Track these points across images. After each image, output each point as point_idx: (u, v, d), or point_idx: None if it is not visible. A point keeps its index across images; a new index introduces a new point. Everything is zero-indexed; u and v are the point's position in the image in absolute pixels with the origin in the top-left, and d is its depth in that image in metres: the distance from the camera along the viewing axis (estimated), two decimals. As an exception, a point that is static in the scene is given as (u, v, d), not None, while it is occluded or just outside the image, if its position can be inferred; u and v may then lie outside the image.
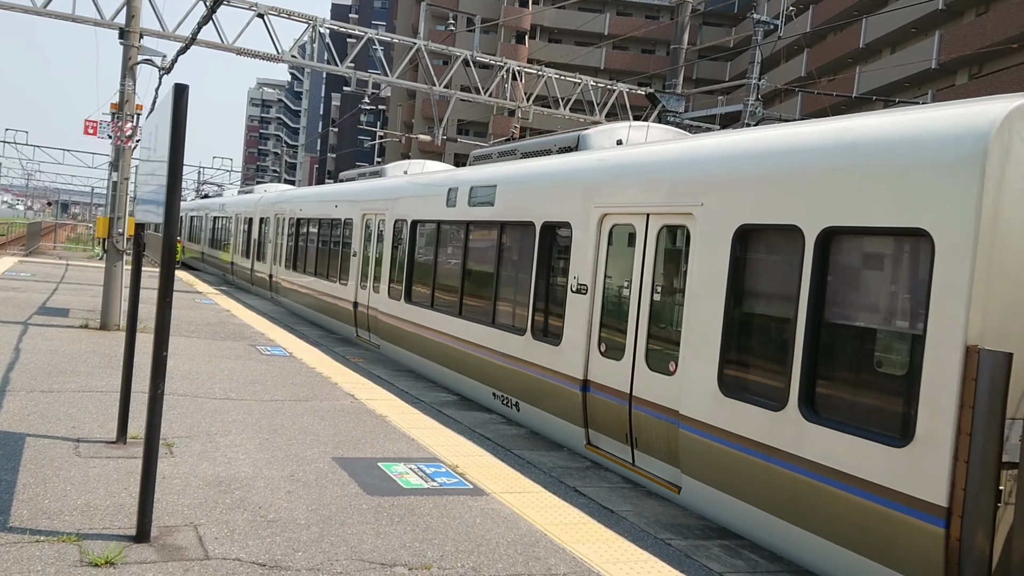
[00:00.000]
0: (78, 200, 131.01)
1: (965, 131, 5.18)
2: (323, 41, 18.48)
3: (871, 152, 5.81)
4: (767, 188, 6.64)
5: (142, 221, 6.44)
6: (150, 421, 4.83)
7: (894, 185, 5.53)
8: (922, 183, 5.34)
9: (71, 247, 50.36)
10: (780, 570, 6.06)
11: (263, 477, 6.18)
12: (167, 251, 4.84)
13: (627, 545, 5.41)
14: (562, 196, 9.60)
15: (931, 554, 5.02)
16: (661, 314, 7.90)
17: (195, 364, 10.75)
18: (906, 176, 5.47)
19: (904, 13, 37.87)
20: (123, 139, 13.90)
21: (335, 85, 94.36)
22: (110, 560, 4.43)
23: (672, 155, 8.13)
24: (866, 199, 5.74)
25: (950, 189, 5.14)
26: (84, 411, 7.71)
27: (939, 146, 5.29)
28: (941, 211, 5.16)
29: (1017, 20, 31.56)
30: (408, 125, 65.73)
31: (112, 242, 13.90)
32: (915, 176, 5.40)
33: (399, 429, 8.15)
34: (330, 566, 4.64)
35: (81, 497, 5.41)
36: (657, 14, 62.97)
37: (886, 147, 5.72)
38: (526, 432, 9.93)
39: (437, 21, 58.77)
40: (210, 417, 7.95)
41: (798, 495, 6.03)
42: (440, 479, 6.53)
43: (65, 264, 28.73)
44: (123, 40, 13.95)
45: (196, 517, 5.23)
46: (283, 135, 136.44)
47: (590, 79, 22.09)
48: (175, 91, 4.77)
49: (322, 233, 19.46)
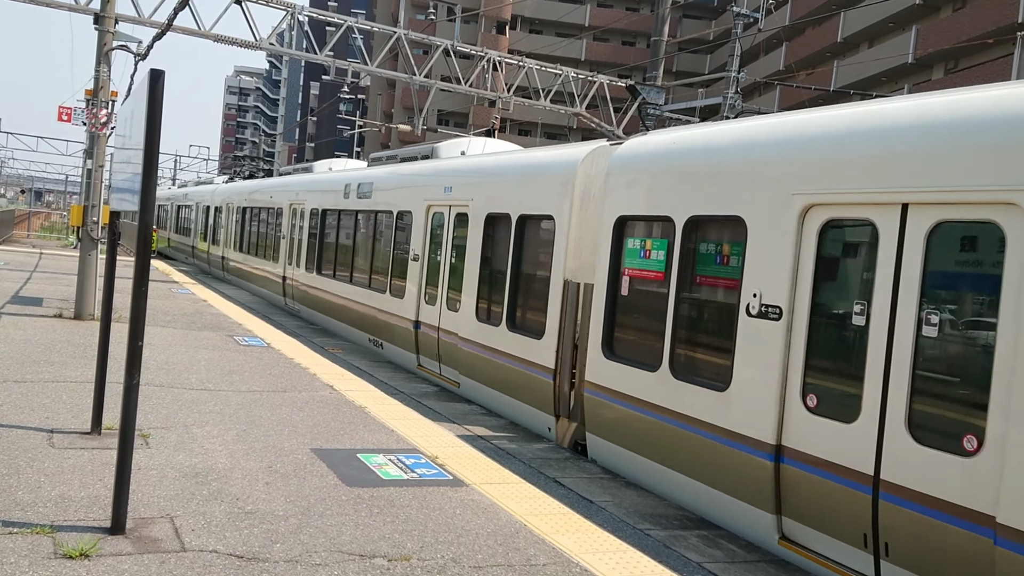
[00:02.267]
0: (52, 188, 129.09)
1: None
2: (302, 29, 18.28)
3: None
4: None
5: (117, 209, 6.35)
6: (125, 411, 4.77)
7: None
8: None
9: (45, 235, 49.68)
10: (758, 560, 6.11)
11: (241, 468, 6.13)
12: (143, 240, 4.77)
13: (606, 535, 5.42)
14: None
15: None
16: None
17: (171, 354, 10.64)
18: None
19: (881, 8, 38.12)
20: (98, 126, 13.71)
21: (314, 73, 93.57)
22: (85, 552, 4.38)
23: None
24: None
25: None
26: (58, 401, 7.61)
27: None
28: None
29: (993, 16, 31.88)
30: (388, 115, 65.35)
31: (87, 231, 13.72)
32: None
33: (378, 420, 8.12)
34: (309, 558, 4.61)
35: (55, 488, 5.34)
36: (638, 6, 62.99)
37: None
38: (506, 423, 9.94)
39: (417, 10, 58.46)
40: (187, 408, 7.87)
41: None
42: (420, 470, 6.52)
43: (39, 253, 28.33)
44: (98, 25, 13.74)
45: (172, 509, 5.17)
46: (261, 124, 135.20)
47: (571, 70, 22.06)
48: (151, 77, 4.70)
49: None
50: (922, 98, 5.73)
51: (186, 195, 37.91)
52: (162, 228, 43.79)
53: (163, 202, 44.13)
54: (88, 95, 13.92)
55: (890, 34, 39.65)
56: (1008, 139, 4.81)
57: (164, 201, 44.04)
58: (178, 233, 39.04)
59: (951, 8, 36.52)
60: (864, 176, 5.60)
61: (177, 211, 39.78)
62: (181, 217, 38.45)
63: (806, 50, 45.14)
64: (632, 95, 20.90)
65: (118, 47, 14.04)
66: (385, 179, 15.02)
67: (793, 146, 6.29)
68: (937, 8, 37.38)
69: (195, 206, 34.12)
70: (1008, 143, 4.80)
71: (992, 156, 4.86)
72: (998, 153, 4.83)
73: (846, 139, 5.85)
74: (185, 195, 38.15)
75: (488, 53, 20.91)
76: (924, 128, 5.36)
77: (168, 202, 42.72)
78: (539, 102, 21.72)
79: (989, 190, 4.85)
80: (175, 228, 40.71)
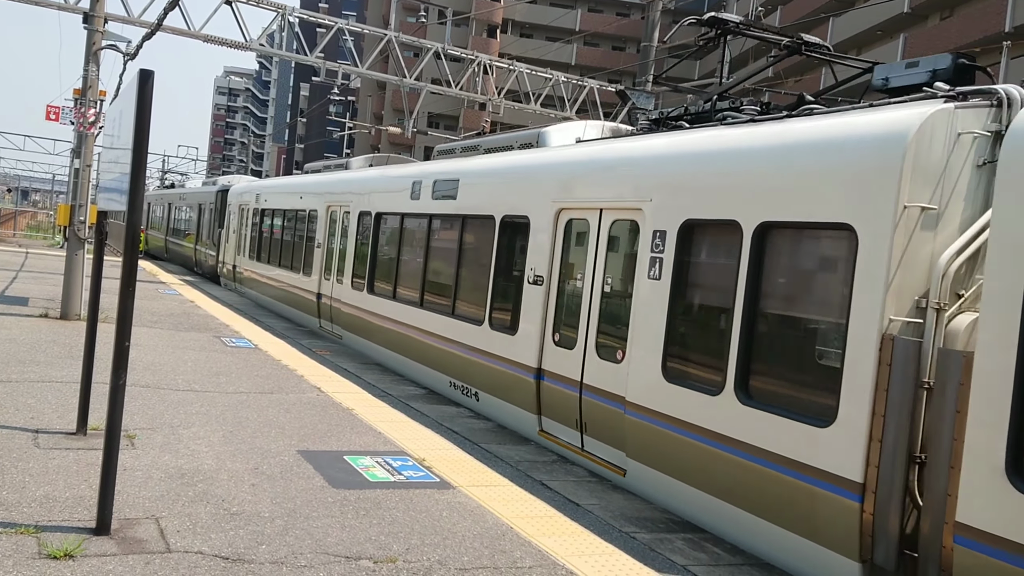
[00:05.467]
0: (39, 187, 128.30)
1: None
2: (292, 30, 18.27)
3: None
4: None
5: (105, 209, 6.33)
6: (111, 412, 4.75)
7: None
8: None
9: (31, 235, 49.35)
10: (742, 563, 6.14)
11: (227, 470, 6.12)
12: (130, 240, 4.76)
13: (592, 538, 5.44)
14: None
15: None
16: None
17: (158, 355, 10.60)
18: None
19: (870, 16, 38.41)
20: (86, 125, 13.65)
21: (304, 75, 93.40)
22: (69, 553, 4.36)
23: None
24: None
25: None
26: (43, 401, 7.57)
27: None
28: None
29: (980, 25, 32.16)
30: (378, 116, 65.29)
31: (74, 230, 13.65)
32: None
33: (366, 422, 8.11)
34: (294, 559, 4.61)
35: (40, 489, 5.31)
36: (628, 11, 63.20)
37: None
38: (494, 426, 9.94)
39: (408, 12, 58.45)
40: (173, 409, 7.84)
41: None
42: (407, 472, 6.52)
43: (25, 252, 28.14)
44: (87, 25, 13.69)
45: (158, 510, 5.16)
46: (251, 125, 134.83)
47: (561, 75, 22.12)
48: (140, 77, 4.69)
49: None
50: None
51: (158, 196, 37.40)
52: (156, 229, 41.70)
53: (155, 199, 42.48)
54: (76, 94, 13.88)
55: (878, 42, 39.92)
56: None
57: (156, 199, 42.33)
58: (152, 229, 38.25)
59: (939, 17, 36.83)
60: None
61: (148, 209, 38.75)
62: (154, 215, 37.32)
63: (795, 57, 45.37)
64: (622, 100, 20.97)
65: (107, 47, 13.99)
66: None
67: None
68: (925, 17, 37.69)
69: (201, 206, 30.80)
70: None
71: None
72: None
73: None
74: (158, 196, 37.67)
75: (479, 56, 20.94)
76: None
77: (160, 201, 40.85)
78: (529, 106, 21.77)
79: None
80: (149, 224, 39.79)
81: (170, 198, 37.67)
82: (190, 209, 32.47)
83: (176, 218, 35.68)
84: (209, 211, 28.73)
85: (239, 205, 23.72)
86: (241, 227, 23.23)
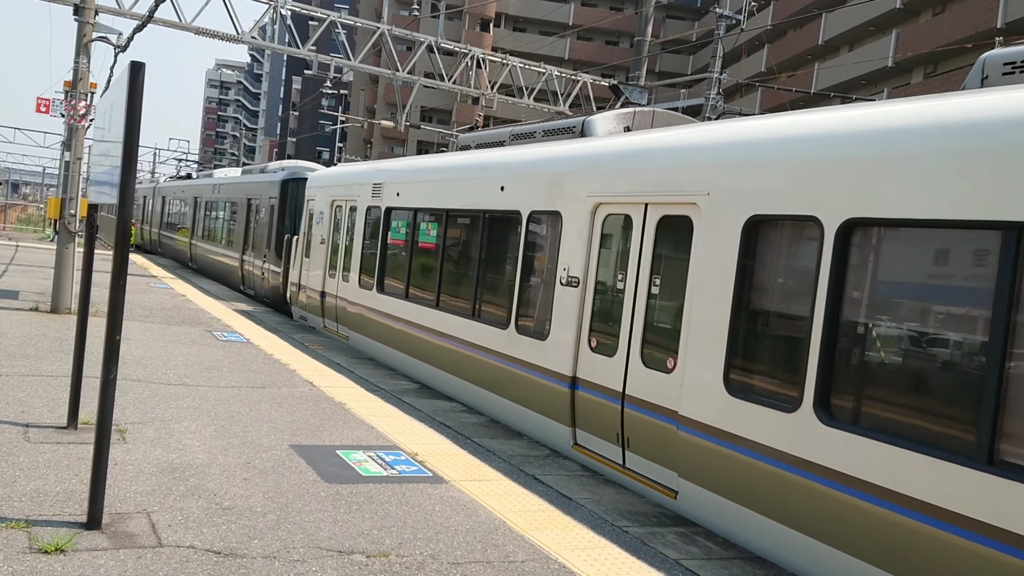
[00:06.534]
0: (29, 180, 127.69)
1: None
2: (284, 23, 18.19)
3: None
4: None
5: (95, 202, 6.30)
6: (102, 406, 4.73)
7: None
8: None
9: (21, 228, 49.09)
10: (734, 556, 6.15)
11: (218, 464, 6.10)
12: (122, 233, 4.73)
13: (585, 532, 5.45)
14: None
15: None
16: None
17: (149, 349, 10.56)
18: None
19: (862, 11, 38.47)
20: (76, 118, 13.57)
21: (296, 68, 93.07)
22: (60, 547, 4.34)
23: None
24: None
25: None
26: (34, 395, 7.53)
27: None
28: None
29: (972, 20, 32.24)
30: (371, 110, 65.12)
31: (64, 223, 13.58)
32: None
33: (358, 417, 8.10)
34: (286, 554, 4.60)
35: (30, 483, 5.29)
36: (621, 6, 63.14)
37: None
38: (486, 420, 9.94)
39: (401, 6, 58.21)
40: (164, 403, 7.82)
41: None
42: (399, 467, 6.51)
43: (15, 245, 27.99)
44: (78, 17, 13.60)
45: (149, 504, 5.14)
46: (242, 118, 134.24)
47: (554, 69, 22.09)
48: (131, 69, 4.66)
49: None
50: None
51: (217, 188, 26.99)
52: (175, 231, 33.73)
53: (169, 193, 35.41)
54: (67, 87, 13.79)
55: (870, 37, 40.00)
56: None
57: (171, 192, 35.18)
58: (206, 242, 27.99)
59: (931, 12, 36.90)
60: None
61: (195, 207, 29.08)
62: (209, 217, 27.52)
63: (788, 52, 45.44)
64: (615, 95, 20.97)
65: (98, 39, 13.90)
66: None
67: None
68: (917, 12, 37.76)
69: (252, 202, 22.66)
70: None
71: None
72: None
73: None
74: (217, 188, 27.01)
75: (472, 50, 20.89)
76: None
77: (180, 195, 33.00)
78: (522, 100, 21.72)
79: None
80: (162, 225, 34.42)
81: (197, 191, 29.32)
82: (232, 206, 24.81)
83: (209, 217, 27.61)
84: (268, 209, 20.86)
85: (332, 201, 16.05)
86: (342, 234, 15.37)
